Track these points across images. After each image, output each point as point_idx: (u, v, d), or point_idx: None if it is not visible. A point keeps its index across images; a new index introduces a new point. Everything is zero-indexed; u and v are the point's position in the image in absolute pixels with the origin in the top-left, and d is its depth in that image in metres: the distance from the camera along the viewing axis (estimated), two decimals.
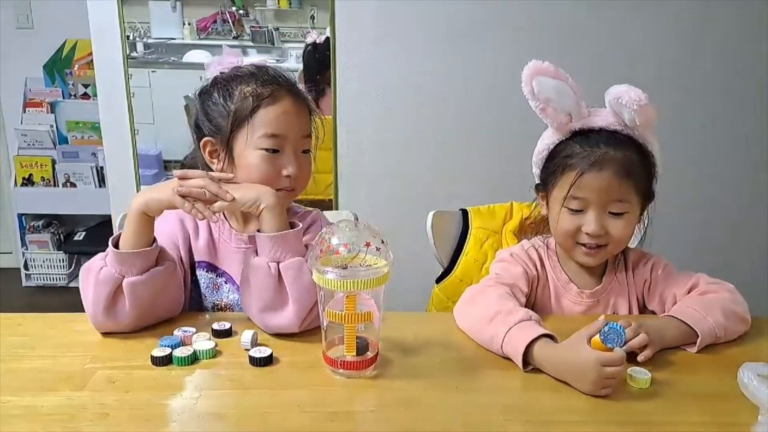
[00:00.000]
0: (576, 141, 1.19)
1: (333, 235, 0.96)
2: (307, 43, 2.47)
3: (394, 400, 0.93)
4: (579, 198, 1.17)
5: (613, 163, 1.15)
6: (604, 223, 1.17)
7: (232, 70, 1.24)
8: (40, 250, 3.37)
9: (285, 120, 1.19)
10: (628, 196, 1.17)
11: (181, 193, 1.07)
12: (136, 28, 2.42)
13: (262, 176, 1.18)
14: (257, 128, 1.18)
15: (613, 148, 1.15)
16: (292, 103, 1.21)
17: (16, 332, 1.13)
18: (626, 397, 0.95)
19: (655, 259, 1.28)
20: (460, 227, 1.52)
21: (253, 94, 1.19)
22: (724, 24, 2.35)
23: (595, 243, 1.19)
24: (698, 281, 1.21)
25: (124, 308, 1.09)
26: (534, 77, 1.15)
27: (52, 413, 0.88)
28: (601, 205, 1.17)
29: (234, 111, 1.19)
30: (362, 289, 0.94)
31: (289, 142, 1.20)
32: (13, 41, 3.29)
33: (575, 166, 1.17)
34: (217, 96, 1.22)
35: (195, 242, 1.26)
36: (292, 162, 1.20)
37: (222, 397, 0.93)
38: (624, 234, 1.19)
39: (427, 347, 1.08)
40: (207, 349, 1.02)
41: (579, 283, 1.27)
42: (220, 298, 1.25)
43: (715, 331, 1.09)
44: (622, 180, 1.15)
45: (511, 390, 0.98)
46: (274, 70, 1.24)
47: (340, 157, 2.42)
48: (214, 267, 1.26)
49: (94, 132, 3.27)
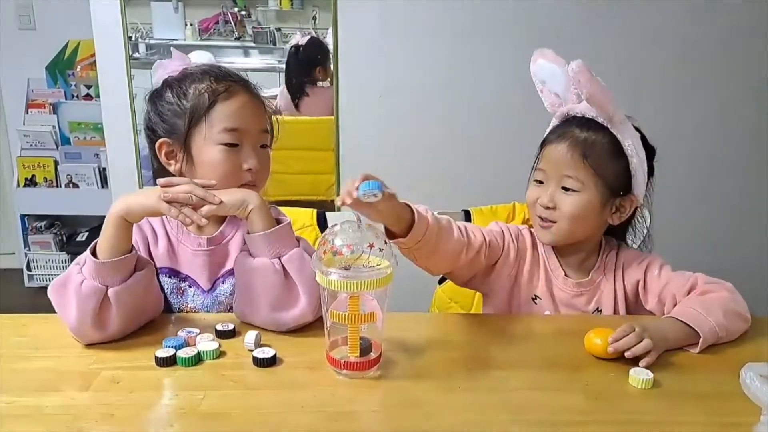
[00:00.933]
0: (560, 123, 1.27)
1: (336, 236, 0.97)
2: (291, 45, 2.49)
3: (398, 401, 0.94)
4: (540, 169, 1.26)
5: (572, 140, 1.22)
6: (555, 197, 1.22)
7: (181, 72, 1.25)
8: (42, 250, 3.38)
9: (243, 114, 1.20)
10: (580, 174, 1.21)
11: (167, 200, 1.06)
12: (138, 29, 2.43)
13: (224, 171, 1.18)
14: (215, 123, 1.19)
15: (580, 129, 1.23)
16: (248, 98, 1.23)
17: (20, 333, 1.13)
18: (628, 398, 0.96)
19: (650, 259, 1.29)
20: None
21: (208, 91, 1.20)
22: (726, 20, 2.35)
23: (546, 216, 1.23)
24: (697, 281, 1.21)
25: (111, 317, 1.07)
26: (536, 60, 1.28)
27: (57, 413, 0.89)
28: (556, 178, 1.23)
29: (190, 108, 1.20)
30: (366, 290, 0.94)
31: (247, 136, 1.21)
32: (15, 42, 3.29)
33: (546, 140, 1.27)
34: (171, 96, 1.22)
35: (154, 249, 1.25)
36: (252, 156, 1.20)
37: (226, 398, 0.93)
38: (572, 212, 1.22)
39: (430, 348, 1.09)
40: (211, 350, 1.03)
41: (567, 270, 1.30)
42: (185, 302, 1.24)
43: (716, 331, 1.09)
44: (575, 155, 1.21)
45: (514, 390, 0.98)
46: (226, 68, 1.26)
47: (342, 158, 2.42)
48: (176, 272, 1.25)
49: (96, 133, 3.27)
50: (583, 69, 1.15)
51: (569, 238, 1.25)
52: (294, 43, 2.49)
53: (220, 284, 1.24)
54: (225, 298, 1.23)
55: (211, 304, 1.24)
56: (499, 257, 1.28)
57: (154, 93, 1.26)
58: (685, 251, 1.72)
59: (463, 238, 1.19)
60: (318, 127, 2.46)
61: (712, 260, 1.55)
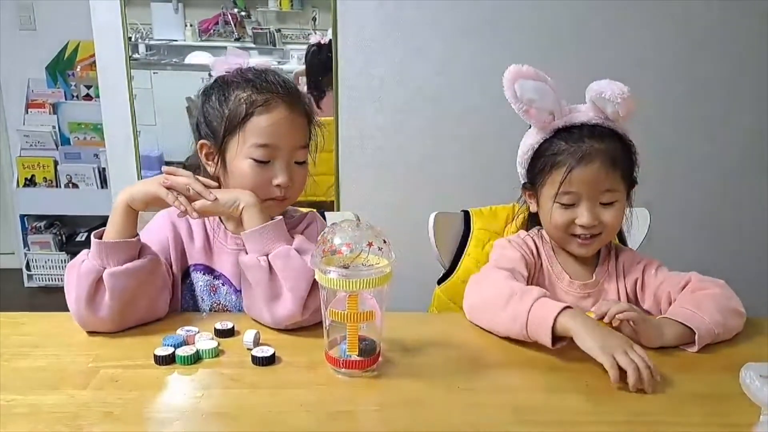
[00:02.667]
0: (561, 138, 1.23)
1: (335, 234, 0.97)
2: (311, 44, 2.48)
3: (397, 400, 0.94)
4: (570, 193, 1.21)
5: (600, 155, 1.19)
6: (597, 214, 1.22)
7: (234, 72, 1.23)
8: (42, 250, 3.38)
9: (277, 130, 1.17)
10: (616, 185, 1.22)
11: (166, 185, 1.10)
12: (137, 29, 2.43)
13: (253, 185, 1.18)
14: (249, 137, 1.17)
15: (597, 141, 1.20)
16: (288, 113, 1.18)
17: (19, 331, 1.13)
18: (629, 398, 0.96)
19: (648, 260, 1.30)
20: (462, 229, 1.53)
21: (247, 101, 1.17)
22: (727, 23, 2.36)
23: (589, 233, 1.23)
24: (690, 279, 1.22)
25: (105, 301, 1.08)
26: (515, 81, 1.19)
27: (56, 412, 0.89)
28: (593, 196, 1.21)
29: (227, 116, 1.18)
30: (364, 289, 0.94)
31: (280, 153, 1.18)
32: (15, 42, 3.30)
33: (563, 162, 1.21)
34: (215, 98, 1.21)
35: (190, 245, 1.26)
36: (283, 172, 1.18)
37: (225, 397, 0.93)
38: (616, 221, 1.23)
39: (429, 347, 1.09)
40: (210, 349, 1.03)
41: (572, 273, 1.30)
42: (218, 300, 1.25)
43: (712, 327, 1.09)
44: (609, 170, 1.20)
45: (514, 390, 0.98)
46: (274, 76, 1.21)
47: (342, 158, 2.43)
48: (211, 269, 1.26)
49: (96, 133, 3.27)
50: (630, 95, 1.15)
51: (603, 246, 1.28)
52: (314, 42, 2.48)
53: None
54: None
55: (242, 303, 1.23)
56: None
57: (205, 90, 1.24)
58: (684, 252, 1.73)
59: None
60: None
61: (712, 260, 1.55)
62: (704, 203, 2.52)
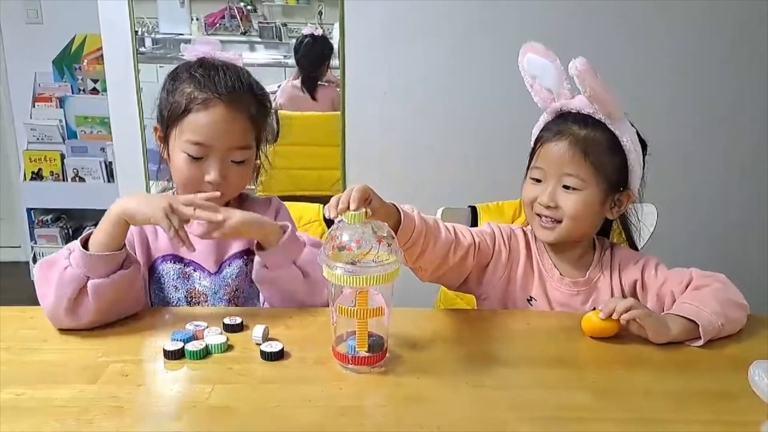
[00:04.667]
0: (554, 119, 1.25)
1: (344, 231, 0.96)
2: (304, 35, 2.48)
3: (404, 396, 0.94)
4: (538, 168, 1.24)
5: (571, 138, 1.20)
6: (556, 196, 1.21)
7: (190, 64, 1.23)
8: (48, 244, 3.38)
9: (212, 129, 1.17)
10: (581, 172, 1.20)
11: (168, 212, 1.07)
12: (144, 23, 2.43)
13: (184, 178, 1.21)
14: (185, 131, 1.18)
15: (579, 126, 1.21)
16: (225, 113, 1.17)
17: (27, 325, 1.13)
18: (635, 395, 0.96)
19: (645, 259, 1.29)
20: (469, 224, 1.53)
21: (188, 97, 1.18)
22: (735, 23, 2.35)
23: (548, 215, 1.22)
24: (691, 276, 1.22)
25: (86, 308, 1.08)
26: (525, 54, 1.25)
27: (66, 405, 0.89)
28: (556, 176, 1.21)
29: (170, 107, 1.20)
30: (373, 285, 0.94)
31: (214, 151, 1.19)
32: (22, 36, 3.30)
33: (541, 137, 1.25)
34: (167, 87, 1.22)
35: (154, 239, 1.26)
36: (215, 170, 1.18)
37: (233, 391, 0.94)
38: (576, 210, 1.21)
39: (436, 343, 1.09)
40: (219, 344, 1.03)
41: (563, 270, 1.29)
42: (192, 286, 1.26)
43: (715, 320, 1.09)
44: (576, 154, 1.19)
45: (520, 387, 0.98)
46: (222, 73, 1.20)
47: (348, 153, 2.42)
48: (179, 258, 1.26)
49: (102, 127, 3.28)
50: (586, 68, 1.14)
51: (571, 237, 1.24)
52: (308, 32, 2.48)
53: (226, 267, 1.26)
54: (231, 281, 1.26)
55: (218, 286, 1.25)
56: (490, 260, 1.27)
57: (169, 74, 1.25)
58: (687, 250, 1.72)
59: (450, 236, 1.19)
60: (324, 123, 2.47)
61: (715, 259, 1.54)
62: (710, 202, 2.51)
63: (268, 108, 1.27)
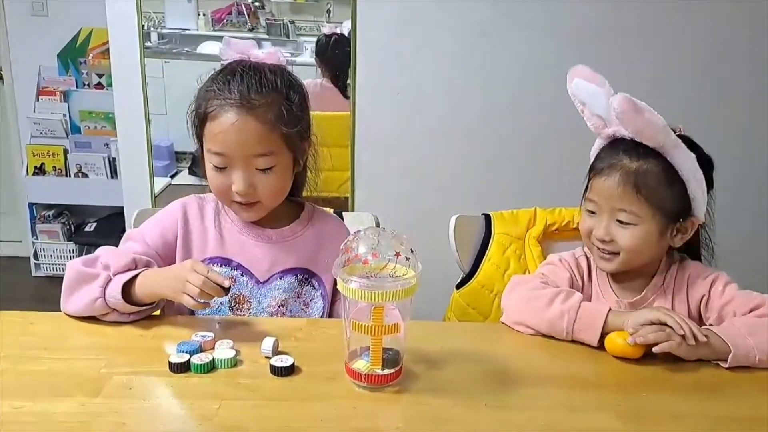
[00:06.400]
0: (607, 146, 1.19)
1: (360, 243, 0.92)
2: (326, 34, 2.43)
3: (422, 417, 0.90)
4: (591, 200, 1.19)
5: (622, 172, 1.13)
6: (611, 230, 1.16)
7: (222, 68, 1.19)
8: (50, 240, 3.35)
9: (225, 138, 1.13)
10: (634, 207, 1.14)
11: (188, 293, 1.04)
12: (150, 17, 2.40)
13: (215, 189, 1.19)
14: (208, 140, 1.16)
15: (630, 157, 1.14)
16: (236, 121, 1.12)
17: (28, 331, 1.10)
18: (662, 419, 0.92)
19: (716, 275, 1.21)
20: (483, 232, 1.49)
21: (205, 105, 1.15)
22: (752, 25, 2.31)
23: (604, 248, 1.17)
24: (764, 302, 1.14)
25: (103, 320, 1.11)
26: (573, 79, 1.16)
27: (66, 420, 0.85)
28: (608, 211, 1.16)
29: (194, 114, 1.18)
30: (389, 301, 0.90)
31: (234, 161, 1.14)
32: (27, 29, 3.25)
33: (593, 167, 1.19)
34: (200, 91, 1.19)
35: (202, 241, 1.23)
36: (240, 180, 1.14)
37: (242, 409, 0.89)
38: (632, 245, 1.15)
39: (453, 360, 1.05)
40: (226, 359, 0.99)
41: (619, 292, 1.24)
42: (239, 291, 1.22)
43: (754, 353, 1.04)
44: (627, 190, 1.13)
45: (542, 408, 0.93)
46: (239, 78, 1.14)
47: (358, 154, 2.38)
48: (228, 260, 1.23)
49: (107, 122, 3.25)
50: (626, 107, 1.06)
51: (632, 266, 1.19)
52: (329, 32, 2.44)
53: (277, 279, 1.23)
54: (278, 293, 1.23)
55: (263, 295, 1.22)
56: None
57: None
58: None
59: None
60: (332, 123, 2.42)
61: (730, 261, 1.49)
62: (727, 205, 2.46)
63: (296, 109, 1.18)
